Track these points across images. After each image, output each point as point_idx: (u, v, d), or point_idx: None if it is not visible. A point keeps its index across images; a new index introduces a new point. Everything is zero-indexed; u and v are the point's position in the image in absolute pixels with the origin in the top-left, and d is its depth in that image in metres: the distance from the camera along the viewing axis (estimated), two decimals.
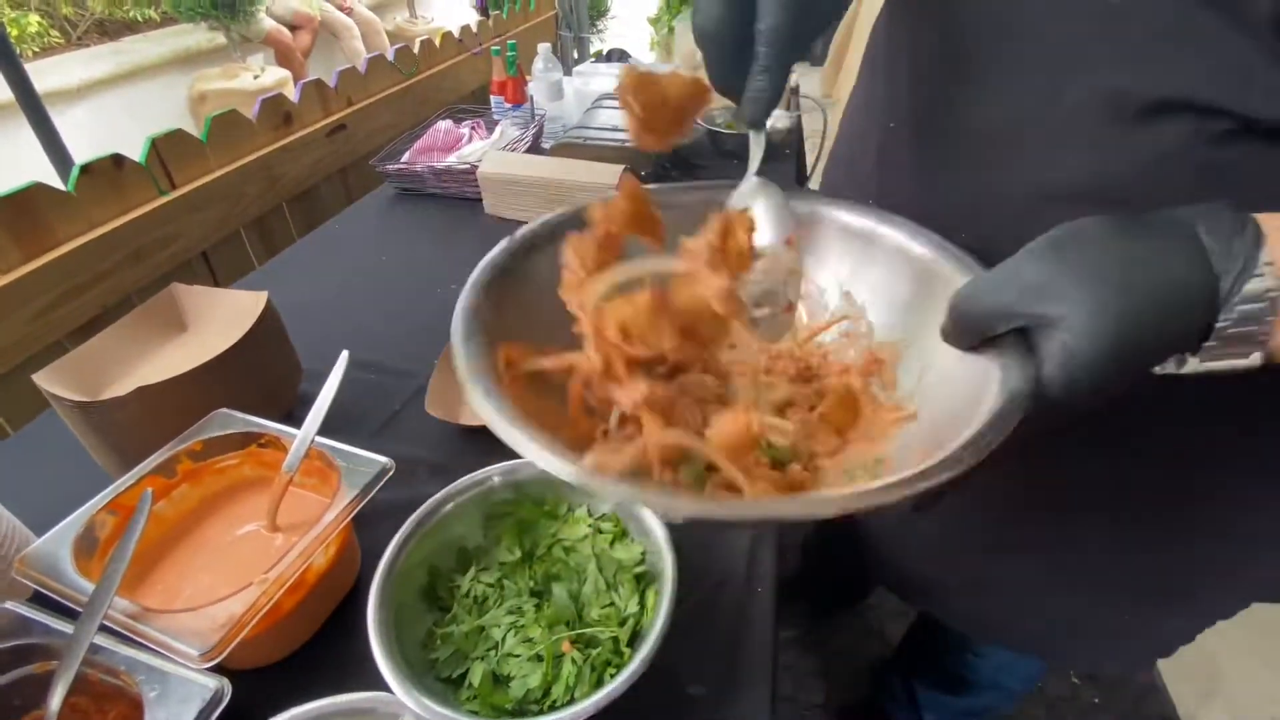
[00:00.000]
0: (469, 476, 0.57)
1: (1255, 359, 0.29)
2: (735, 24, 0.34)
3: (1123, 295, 0.29)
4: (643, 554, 0.54)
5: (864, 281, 0.47)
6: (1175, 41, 0.33)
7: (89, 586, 0.45)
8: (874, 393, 0.44)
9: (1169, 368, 0.31)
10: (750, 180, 0.43)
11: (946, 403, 0.38)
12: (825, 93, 4.53)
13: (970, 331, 0.35)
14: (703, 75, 0.38)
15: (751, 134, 0.41)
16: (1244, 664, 1.39)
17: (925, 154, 0.47)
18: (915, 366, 0.43)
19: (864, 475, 0.40)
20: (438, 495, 0.55)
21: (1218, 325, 0.28)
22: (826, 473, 0.41)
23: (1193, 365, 0.30)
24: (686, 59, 1.76)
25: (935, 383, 0.40)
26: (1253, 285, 0.28)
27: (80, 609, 0.44)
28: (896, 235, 0.45)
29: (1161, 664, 1.38)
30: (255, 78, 3.63)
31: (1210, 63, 0.33)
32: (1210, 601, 0.56)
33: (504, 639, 0.49)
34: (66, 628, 0.44)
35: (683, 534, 0.53)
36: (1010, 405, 0.31)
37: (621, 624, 0.49)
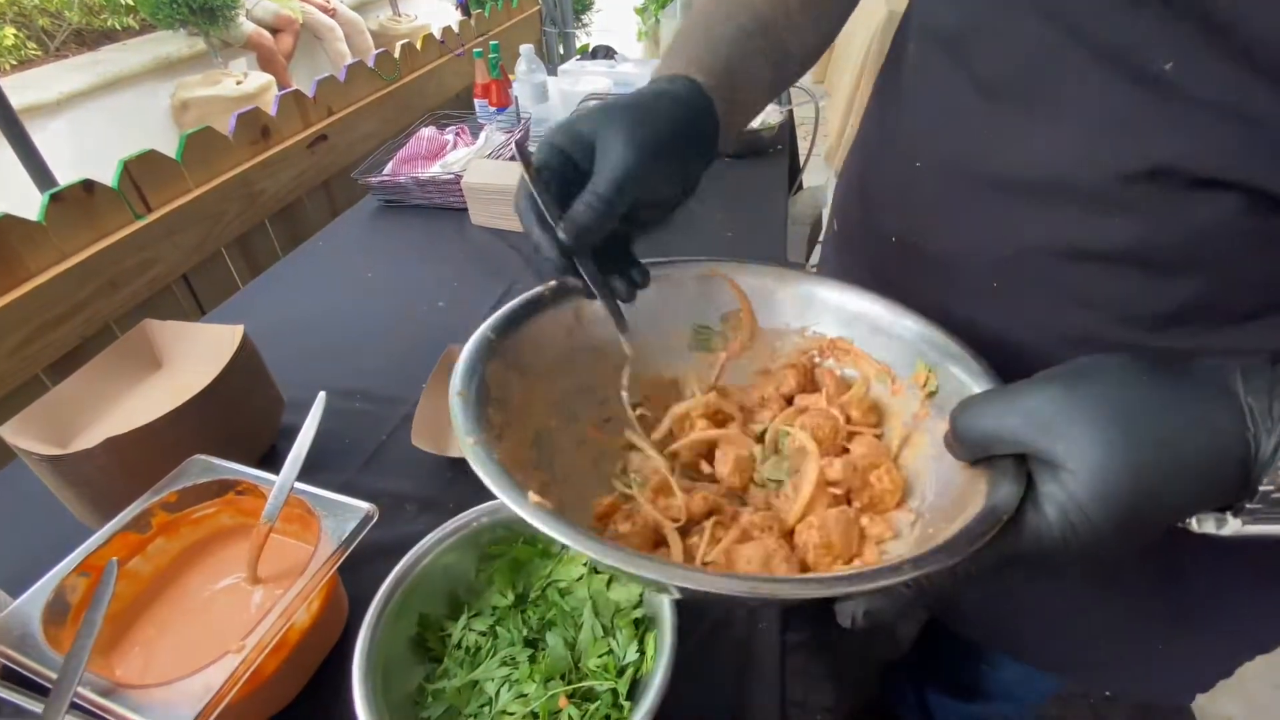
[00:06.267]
0: (458, 517, 0.55)
1: None
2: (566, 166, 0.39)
3: (1139, 447, 0.26)
4: (641, 595, 0.52)
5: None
6: (1227, 116, 0.31)
7: (59, 660, 0.43)
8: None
9: (1207, 527, 0.28)
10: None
11: (942, 500, 0.38)
12: (817, 79, 4.48)
13: (968, 449, 0.34)
14: None
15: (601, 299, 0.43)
16: None
17: (954, 197, 0.45)
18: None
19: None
20: (426, 539, 0.53)
21: (1263, 488, 0.26)
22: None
23: (1233, 527, 0.28)
24: None
25: (937, 476, 0.40)
26: None
27: (50, 685, 0.42)
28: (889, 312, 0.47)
29: None
30: (238, 83, 3.59)
31: (1263, 142, 0.31)
32: (1251, 634, 0.53)
33: (498, 694, 0.47)
34: (36, 706, 0.42)
35: None
36: (982, 524, 0.30)
37: (620, 673, 0.47)
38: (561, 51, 2.42)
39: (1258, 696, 1.32)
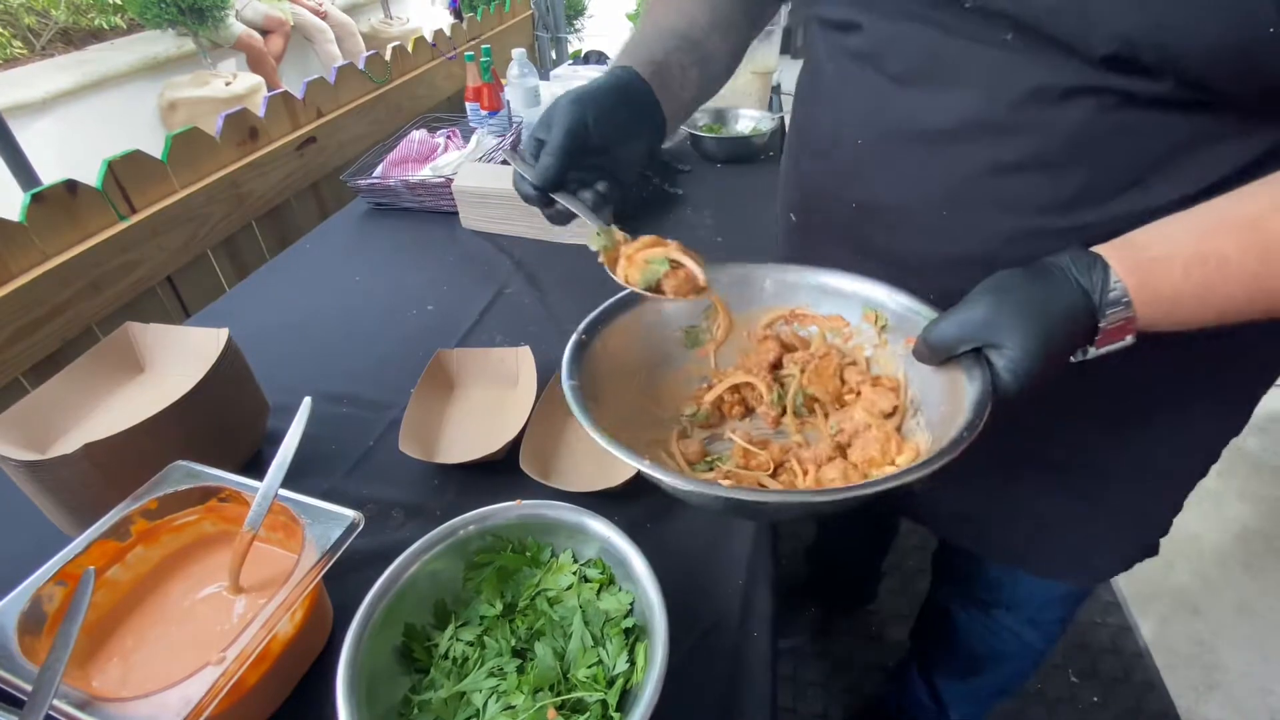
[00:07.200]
0: (445, 525, 0.54)
1: (1129, 340, 0.44)
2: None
3: (1042, 324, 0.44)
4: (631, 603, 0.51)
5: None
6: (1056, 53, 0.45)
7: (34, 671, 0.42)
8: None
9: (1078, 357, 0.46)
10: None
11: (935, 403, 0.53)
12: None
13: (941, 352, 0.49)
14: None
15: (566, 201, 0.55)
16: (1241, 656, 1.38)
17: (897, 157, 0.57)
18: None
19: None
20: (412, 547, 0.52)
21: (1100, 326, 0.44)
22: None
23: (1093, 353, 0.45)
24: None
25: (913, 378, 0.56)
26: (1113, 296, 0.43)
27: (25, 697, 0.41)
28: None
29: (1160, 659, 1.38)
30: (227, 84, 3.54)
31: (1084, 59, 0.44)
32: (1185, 468, 0.68)
33: (485, 706, 0.46)
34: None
35: (672, 578, 0.50)
36: (984, 397, 0.45)
37: (610, 684, 0.46)
38: (554, 56, 2.42)
39: (1243, 700, 1.33)
